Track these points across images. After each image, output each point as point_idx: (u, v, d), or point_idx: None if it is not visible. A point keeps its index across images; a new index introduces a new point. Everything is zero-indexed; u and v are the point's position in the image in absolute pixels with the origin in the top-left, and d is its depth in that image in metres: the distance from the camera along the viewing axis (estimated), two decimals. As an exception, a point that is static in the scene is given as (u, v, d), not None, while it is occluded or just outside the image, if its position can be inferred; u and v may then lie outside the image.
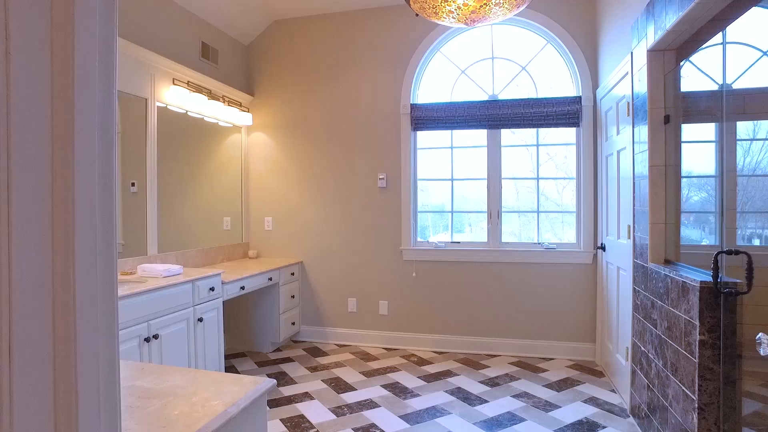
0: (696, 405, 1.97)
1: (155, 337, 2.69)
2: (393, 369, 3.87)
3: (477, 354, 4.24)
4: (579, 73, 4.03)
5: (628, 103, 2.97)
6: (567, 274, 4.08)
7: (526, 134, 4.29)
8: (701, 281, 1.93)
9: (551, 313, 4.13)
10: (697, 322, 1.94)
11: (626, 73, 3.01)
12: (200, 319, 3.12)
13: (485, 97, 4.29)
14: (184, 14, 3.92)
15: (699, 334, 1.93)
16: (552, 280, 4.12)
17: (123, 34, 3.31)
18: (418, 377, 3.69)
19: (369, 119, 4.50)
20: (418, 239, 4.47)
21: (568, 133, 4.15)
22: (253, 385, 1.20)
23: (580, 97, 4.02)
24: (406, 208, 4.41)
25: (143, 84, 3.45)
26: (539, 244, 4.19)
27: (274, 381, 1.27)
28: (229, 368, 3.86)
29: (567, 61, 4.12)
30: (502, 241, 4.26)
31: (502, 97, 4.27)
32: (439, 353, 4.27)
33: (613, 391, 3.38)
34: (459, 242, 4.37)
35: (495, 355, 4.19)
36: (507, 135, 4.29)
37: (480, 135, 4.31)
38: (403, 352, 4.32)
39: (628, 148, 3.00)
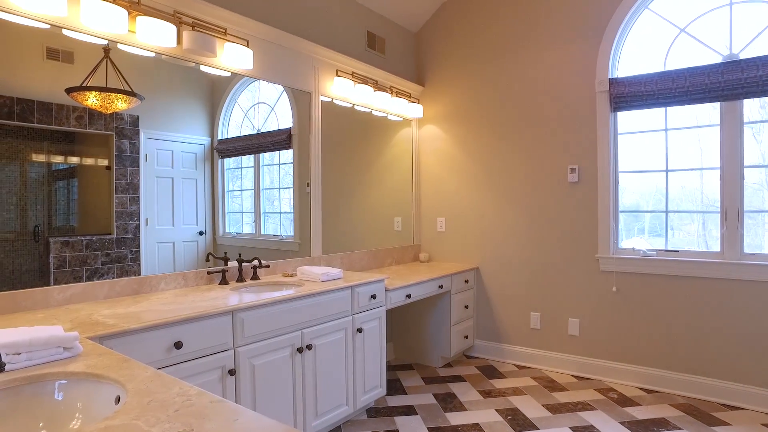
0: None
1: (309, 347, 2.47)
2: (585, 406, 3.12)
3: (706, 401, 3.20)
4: None
5: None
6: None
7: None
8: None
9: (829, 356, 2.89)
10: None
11: None
12: (359, 330, 2.84)
13: (718, 60, 3.23)
14: (348, 3, 3.74)
15: None
16: (830, 309, 2.89)
17: (285, 26, 3.23)
18: (621, 423, 2.88)
19: (556, 102, 3.78)
20: (619, 246, 3.59)
21: None
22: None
23: None
24: (605, 207, 3.57)
25: (307, 78, 3.34)
26: (807, 256, 2.98)
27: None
28: (393, 381, 3.55)
29: None
30: (745, 252, 3.15)
31: (744, 56, 3.16)
32: (648, 392, 3.35)
33: None
34: (677, 251, 3.38)
35: (736, 407, 3.11)
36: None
37: (699, 111, 3.26)
38: (598, 384, 3.51)
39: None
